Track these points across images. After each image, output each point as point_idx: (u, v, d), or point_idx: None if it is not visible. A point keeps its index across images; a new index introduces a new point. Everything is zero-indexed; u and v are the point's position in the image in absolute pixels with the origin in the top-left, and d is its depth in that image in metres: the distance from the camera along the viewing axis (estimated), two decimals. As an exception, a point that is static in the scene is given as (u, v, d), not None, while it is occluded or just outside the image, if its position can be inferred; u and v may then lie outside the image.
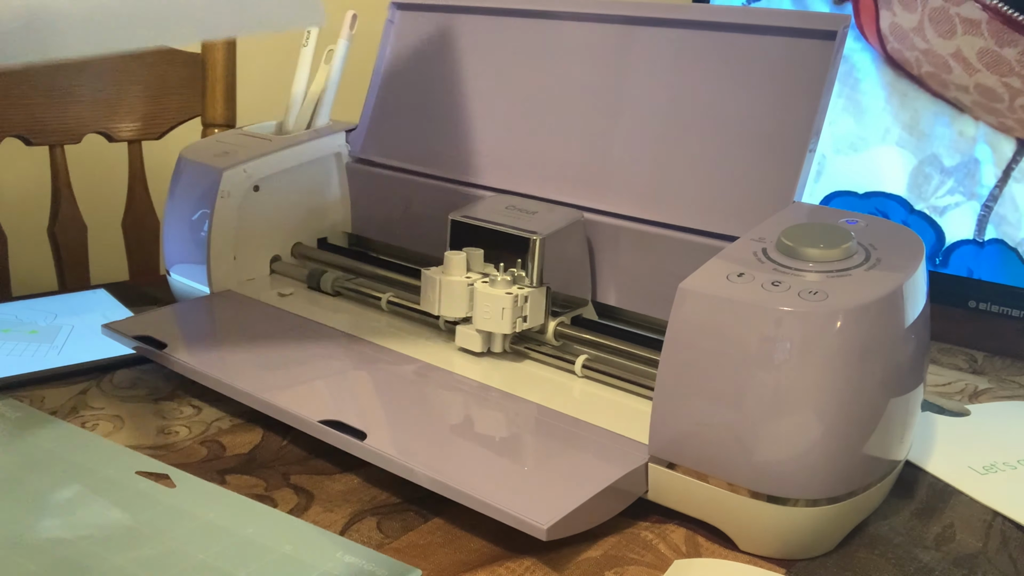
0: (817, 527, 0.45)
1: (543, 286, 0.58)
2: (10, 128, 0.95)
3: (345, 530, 0.47)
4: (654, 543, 0.47)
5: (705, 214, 0.58)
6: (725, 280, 0.46)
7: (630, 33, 0.63)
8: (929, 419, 0.61)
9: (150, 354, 0.61)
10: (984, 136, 0.54)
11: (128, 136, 1.03)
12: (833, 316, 0.43)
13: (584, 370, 0.57)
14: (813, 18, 0.56)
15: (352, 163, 0.76)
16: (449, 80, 0.72)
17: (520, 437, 0.51)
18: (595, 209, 0.62)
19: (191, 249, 0.70)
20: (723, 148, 0.58)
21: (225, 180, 0.68)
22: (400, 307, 0.66)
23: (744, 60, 0.58)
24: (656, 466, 0.47)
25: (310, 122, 0.77)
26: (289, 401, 0.53)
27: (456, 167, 0.70)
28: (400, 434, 0.51)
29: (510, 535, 0.46)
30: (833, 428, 0.43)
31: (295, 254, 0.75)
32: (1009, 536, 0.49)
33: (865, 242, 0.49)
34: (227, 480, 0.51)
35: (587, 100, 0.65)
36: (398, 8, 0.76)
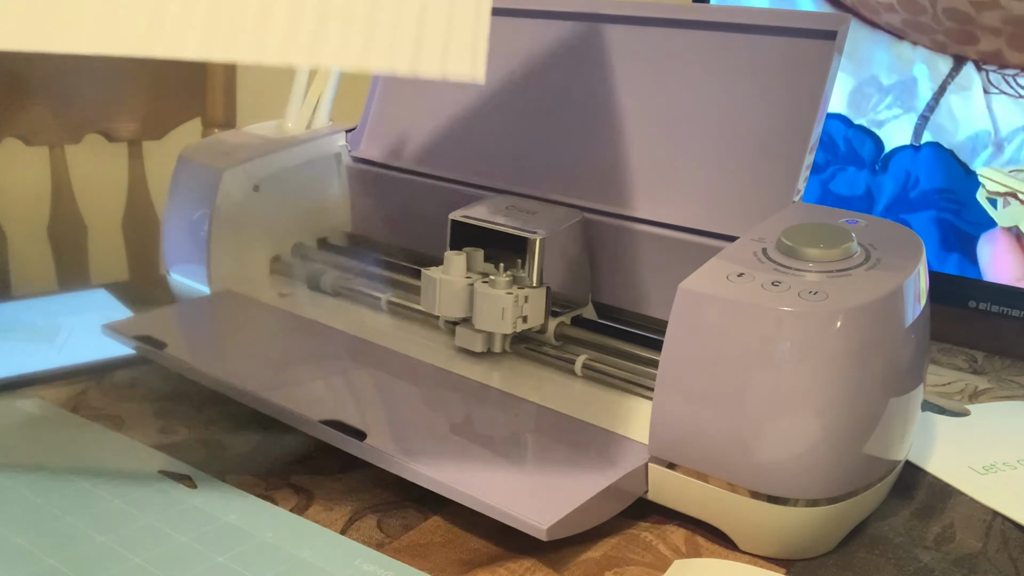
0: (817, 527, 0.45)
1: (543, 286, 0.58)
2: (10, 128, 0.95)
3: (346, 529, 0.47)
4: (654, 543, 0.47)
5: (705, 214, 0.58)
6: (725, 280, 0.46)
7: (630, 33, 0.63)
8: (929, 419, 0.61)
9: (150, 354, 0.61)
10: (921, 57, 0.59)
11: (128, 136, 1.03)
12: (833, 316, 0.43)
13: (584, 370, 0.57)
14: (813, 18, 0.56)
15: (352, 163, 0.76)
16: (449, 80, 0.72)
17: (520, 437, 0.51)
18: (595, 209, 0.62)
19: (191, 249, 0.70)
20: (723, 148, 0.58)
21: (225, 180, 0.68)
22: (400, 307, 0.66)
23: (744, 60, 0.58)
24: (656, 466, 0.47)
25: (310, 122, 0.77)
26: (289, 401, 0.53)
27: (456, 167, 0.70)
28: (400, 434, 0.51)
29: (510, 535, 0.46)
30: (833, 428, 0.43)
31: (295, 254, 0.75)
32: (1009, 536, 0.49)
33: (865, 242, 0.49)
34: (227, 480, 0.51)
35: (587, 100, 0.65)
36: (398, 8, 0.76)
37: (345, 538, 0.45)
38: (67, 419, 0.56)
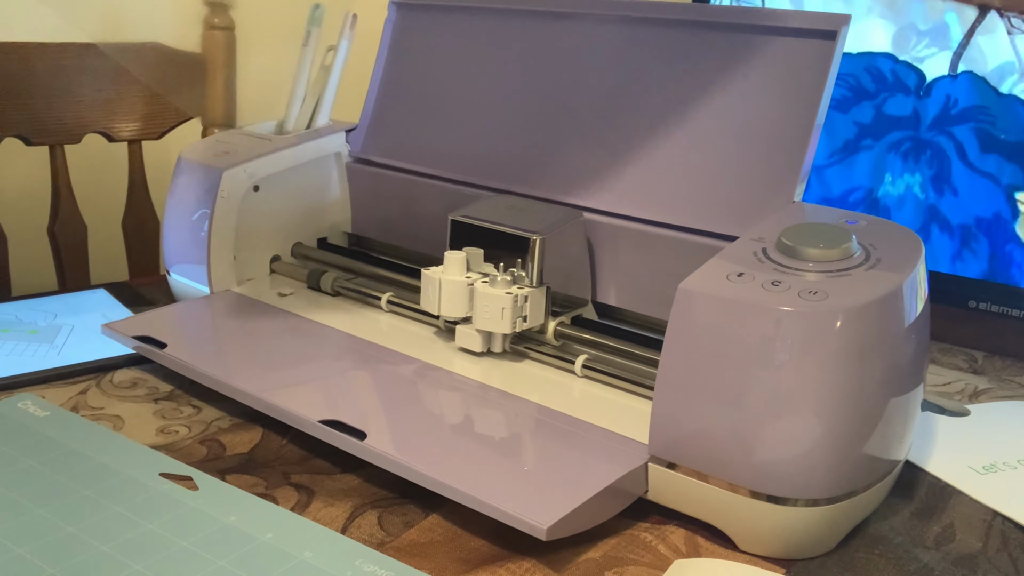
0: (817, 527, 0.45)
1: (543, 286, 0.58)
2: (10, 128, 0.95)
3: (346, 527, 0.47)
4: (654, 544, 0.47)
5: (705, 214, 0.58)
6: (725, 280, 0.46)
7: (630, 33, 0.63)
8: (929, 419, 0.61)
9: (150, 354, 0.61)
10: (951, 7, 0.72)
11: (128, 136, 1.03)
12: (833, 316, 0.43)
13: (584, 370, 0.57)
14: (813, 18, 0.56)
15: (352, 163, 0.76)
16: (449, 80, 0.72)
17: (520, 437, 0.51)
18: (595, 209, 0.62)
19: (191, 249, 0.70)
20: (723, 148, 0.58)
21: (225, 180, 0.68)
22: (400, 307, 0.66)
23: (744, 60, 0.58)
24: (656, 466, 0.47)
25: (310, 122, 0.77)
26: (289, 401, 0.53)
27: (456, 167, 0.70)
28: (400, 434, 0.51)
29: (510, 535, 0.46)
30: (833, 428, 0.43)
31: (295, 254, 0.75)
32: (1009, 536, 0.49)
33: (865, 242, 0.49)
34: (227, 480, 0.51)
35: (587, 100, 0.65)
36: (398, 8, 0.76)
37: (346, 538, 0.45)
38: (67, 419, 0.56)
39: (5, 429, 0.54)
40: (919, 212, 0.76)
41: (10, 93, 0.94)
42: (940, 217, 0.75)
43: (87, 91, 0.99)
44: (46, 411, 0.56)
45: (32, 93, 0.96)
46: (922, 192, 0.75)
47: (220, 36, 1.04)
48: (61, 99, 0.98)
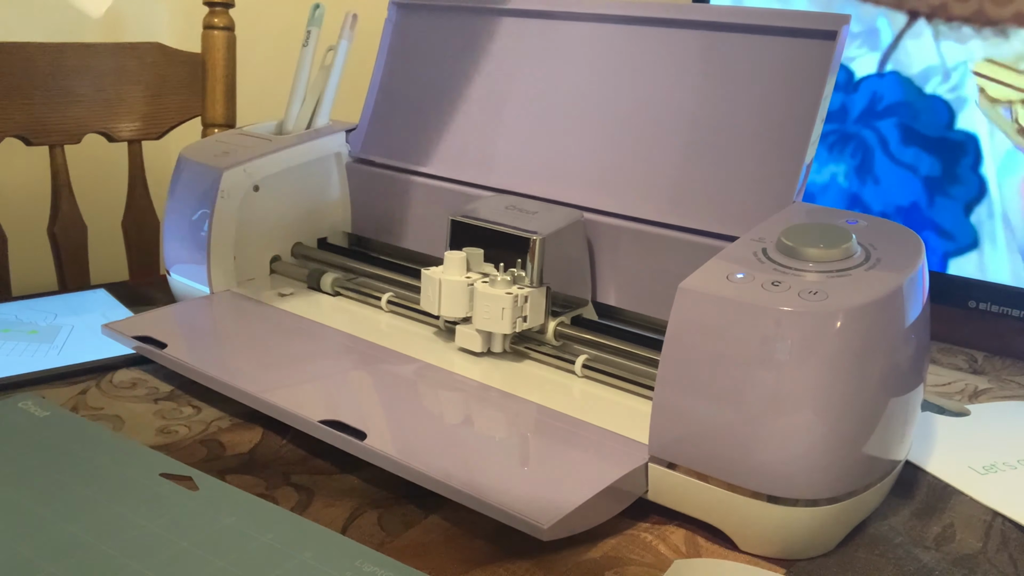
0: (817, 527, 0.45)
1: (543, 286, 0.58)
2: (10, 128, 0.95)
3: (347, 527, 0.47)
4: (654, 544, 0.47)
5: (705, 214, 0.58)
6: (725, 280, 0.46)
7: (630, 33, 0.63)
8: (929, 419, 0.61)
9: (150, 354, 0.61)
10: (883, 13, 0.76)
11: (128, 136, 1.03)
12: (833, 316, 0.43)
13: (584, 370, 0.57)
14: (813, 18, 0.56)
15: (352, 163, 0.76)
16: (449, 80, 0.72)
17: (520, 437, 0.51)
18: (595, 209, 0.62)
19: (191, 249, 0.70)
20: (723, 148, 0.58)
21: (225, 180, 0.68)
22: (400, 307, 0.66)
23: (744, 60, 0.58)
24: (656, 466, 0.47)
25: (310, 122, 0.77)
26: (289, 401, 0.53)
27: (456, 167, 0.70)
28: (400, 434, 0.51)
29: (510, 535, 0.46)
30: (833, 428, 0.43)
31: (295, 254, 0.75)
32: (1009, 536, 0.49)
33: (865, 242, 0.49)
34: (227, 480, 0.51)
35: (587, 100, 0.65)
36: (398, 8, 0.76)
37: (346, 538, 0.45)
38: (67, 419, 0.56)
39: (5, 429, 0.54)
40: (841, 199, 0.80)
41: (10, 93, 0.94)
42: (862, 204, 0.80)
43: (87, 91, 0.99)
44: (46, 411, 0.56)
45: (32, 93, 0.96)
46: (846, 181, 0.80)
47: (220, 36, 1.04)
48: (61, 99, 0.98)
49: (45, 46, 0.96)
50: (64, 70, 0.98)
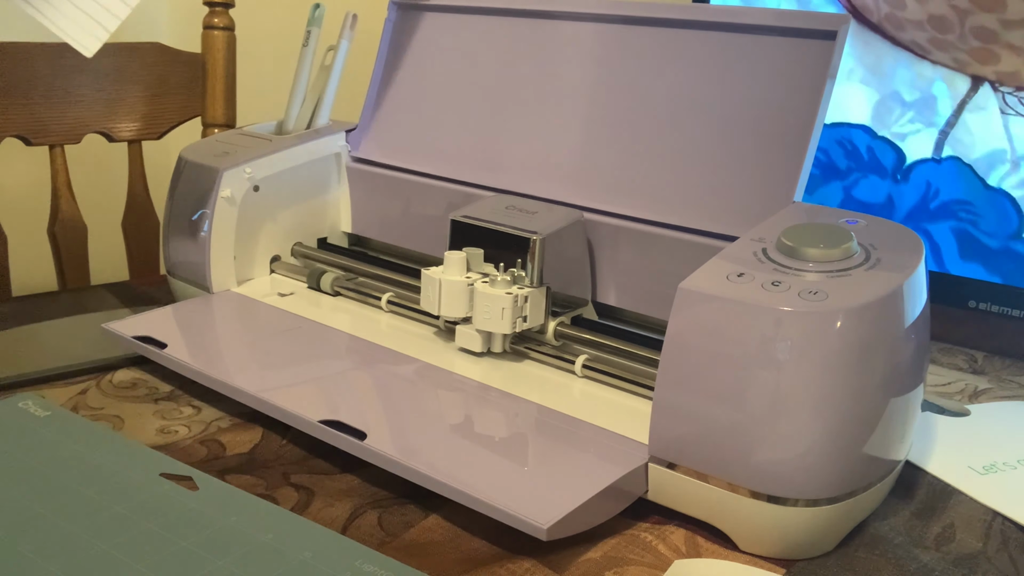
0: (817, 527, 0.45)
1: (543, 286, 0.58)
2: (10, 128, 0.95)
3: (347, 527, 0.47)
4: (654, 544, 0.47)
5: (705, 214, 0.58)
6: (725, 280, 0.46)
7: (630, 33, 0.63)
8: (929, 419, 0.61)
9: (150, 354, 0.61)
10: (941, 76, 0.62)
11: (128, 136, 1.03)
12: (833, 316, 0.43)
13: (584, 370, 0.57)
14: (813, 18, 0.56)
15: (352, 163, 0.76)
16: (449, 80, 0.72)
17: (520, 437, 0.51)
18: (595, 209, 0.62)
19: (191, 249, 0.70)
20: (723, 148, 0.58)
21: (225, 180, 0.68)
22: (400, 307, 0.66)
23: (744, 60, 0.58)
24: (656, 466, 0.47)
25: (310, 122, 0.77)
26: (289, 401, 0.53)
27: (456, 167, 0.70)
28: (400, 434, 0.51)
29: (510, 535, 0.46)
30: (833, 428, 0.43)
31: (295, 254, 0.75)
32: (1009, 536, 0.49)
33: (865, 242, 0.49)
34: (227, 480, 0.51)
35: (587, 100, 0.65)
36: (398, 8, 0.76)
37: (346, 538, 0.45)
38: (67, 419, 0.56)
39: (5, 429, 0.54)
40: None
41: (10, 93, 0.94)
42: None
43: (87, 91, 0.99)
44: (46, 411, 0.56)
45: (32, 93, 0.96)
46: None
47: (220, 36, 1.04)
48: (61, 99, 0.98)
49: (45, 46, 0.96)
50: (64, 70, 0.98)
